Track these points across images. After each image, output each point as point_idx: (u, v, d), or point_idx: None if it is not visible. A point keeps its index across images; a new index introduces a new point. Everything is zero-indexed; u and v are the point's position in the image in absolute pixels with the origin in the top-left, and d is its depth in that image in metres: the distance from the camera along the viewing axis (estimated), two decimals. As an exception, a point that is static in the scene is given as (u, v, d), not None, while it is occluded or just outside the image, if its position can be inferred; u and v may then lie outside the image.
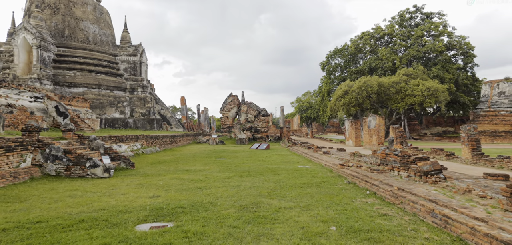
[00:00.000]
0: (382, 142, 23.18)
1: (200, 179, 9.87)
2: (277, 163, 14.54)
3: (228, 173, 11.38)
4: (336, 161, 13.26)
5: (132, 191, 7.92)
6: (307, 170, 11.93)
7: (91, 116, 29.05)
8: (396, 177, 7.89)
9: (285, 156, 18.69)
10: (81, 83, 33.61)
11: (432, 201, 5.19)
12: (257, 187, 8.38)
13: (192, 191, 7.92)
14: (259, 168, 12.73)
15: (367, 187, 7.79)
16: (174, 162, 15.18)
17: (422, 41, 42.56)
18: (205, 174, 11.13)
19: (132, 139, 18.22)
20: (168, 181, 9.61)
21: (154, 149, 21.46)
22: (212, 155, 19.46)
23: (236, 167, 13.30)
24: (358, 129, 28.06)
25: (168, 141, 26.36)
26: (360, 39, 48.61)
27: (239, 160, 16.26)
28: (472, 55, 41.49)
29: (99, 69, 35.70)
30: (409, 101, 35.51)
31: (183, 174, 11.18)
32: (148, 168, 12.85)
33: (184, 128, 43.42)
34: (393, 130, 20.59)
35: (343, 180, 9.40)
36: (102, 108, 34.56)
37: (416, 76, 37.41)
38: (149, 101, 38.93)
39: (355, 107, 37.81)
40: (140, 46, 40.02)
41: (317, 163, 14.30)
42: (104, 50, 37.58)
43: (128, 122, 36.36)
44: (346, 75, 49.00)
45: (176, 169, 12.62)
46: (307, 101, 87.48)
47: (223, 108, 40.71)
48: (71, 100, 27.07)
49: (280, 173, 11.04)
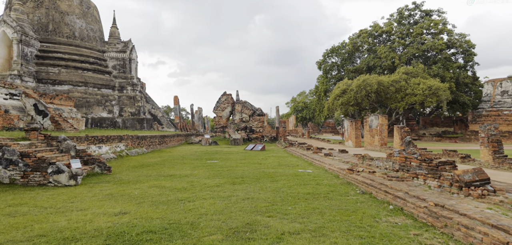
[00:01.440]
0: (385, 143, 21.77)
1: (184, 188, 8.29)
2: (274, 167, 13.00)
3: (219, 179, 9.81)
4: (342, 164, 11.76)
5: (95, 205, 6.32)
6: (309, 175, 10.41)
7: (75, 115, 27.28)
8: (422, 187, 6.39)
9: (282, 158, 17.16)
10: (66, 80, 31.79)
11: (499, 228, 3.68)
12: (252, 199, 6.84)
13: (171, 205, 6.35)
14: (254, 172, 11.19)
15: (388, 200, 6.28)
16: (159, 166, 13.57)
17: (422, 39, 41.36)
18: (192, 180, 9.56)
19: (114, 139, 16.56)
20: (145, 190, 8.02)
21: (140, 150, 19.80)
22: (203, 157, 17.87)
23: (229, 171, 11.74)
24: (358, 129, 26.65)
25: (157, 141, 24.70)
26: (358, 37, 47.31)
27: (232, 163, 14.70)
28: (472, 53, 40.38)
29: (85, 66, 33.90)
30: (409, 100, 34.22)
31: (166, 180, 9.59)
32: (127, 172, 11.22)
33: (176, 128, 41.71)
34: (397, 130, 19.18)
35: (355, 189, 7.89)
36: (89, 107, 32.76)
37: (416, 75, 36.16)
38: (139, 100, 37.18)
39: (354, 106, 36.43)
40: (130, 42, 38.26)
41: (319, 166, 12.79)
42: (91, 46, 35.75)
43: (116, 122, 34.60)
44: (343, 74, 47.66)
45: (159, 174, 11.01)
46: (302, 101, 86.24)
47: (217, 107, 39.09)
48: (53, 98, 25.24)
49: (279, 180, 9.50)
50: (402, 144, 18.44)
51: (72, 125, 24.61)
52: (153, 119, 39.18)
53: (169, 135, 29.35)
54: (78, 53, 33.74)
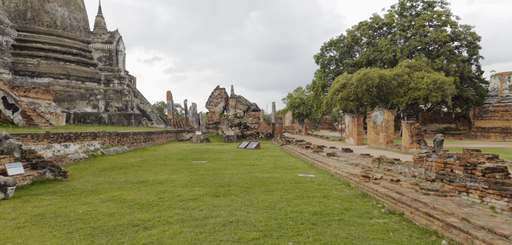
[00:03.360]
0: (391, 140, 19.85)
1: (148, 203, 6.25)
2: (269, 170, 10.99)
3: (199, 187, 7.79)
4: (351, 168, 9.77)
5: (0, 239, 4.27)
6: (312, 182, 8.41)
7: (54, 110, 25.07)
8: (481, 209, 4.41)
9: (279, 158, 15.15)
10: (46, 72, 29.51)
11: None
12: (237, 223, 4.83)
13: (117, 236, 4.31)
14: (245, 178, 9.17)
15: (435, 228, 4.28)
16: (135, 168, 11.51)
17: (424, 31, 39.45)
18: (164, 190, 7.52)
19: (87, 137, 14.43)
20: (96, 206, 5.98)
21: (120, 149, 17.69)
22: (190, 157, 15.81)
23: (214, 176, 9.72)
24: (360, 125, 24.73)
25: (142, 138, 22.58)
26: (357, 29, 45.33)
27: (221, 164, 12.68)
28: (477, 46, 38.57)
29: (68, 58, 31.61)
30: (413, 95, 32.34)
31: (132, 190, 7.55)
32: (89, 178, 9.15)
33: (167, 124, 39.55)
34: (407, 126, 17.25)
35: (376, 205, 5.90)
36: (72, 101, 30.53)
37: (419, 68, 34.28)
38: (127, 94, 34.96)
39: (354, 101, 34.51)
40: (117, 33, 35.94)
41: (323, 169, 10.78)
42: (74, 36, 33.44)
43: (102, 117, 32.41)
44: (342, 69, 45.68)
45: (127, 180, 8.95)
46: (299, 97, 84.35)
47: (209, 102, 36.96)
48: (28, 91, 23.03)
49: (275, 189, 7.49)
50: (413, 143, 16.54)
51: (49, 120, 22.42)
52: (142, 115, 36.99)
53: (157, 132, 27.24)
54: (59, 43, 31.42)
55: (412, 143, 16.51)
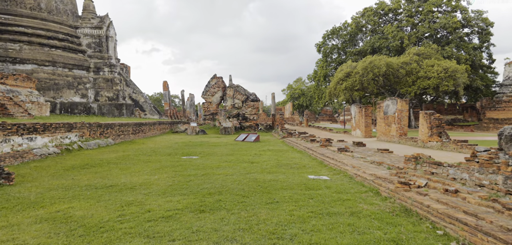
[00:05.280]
0: (405, 132, 17.92)
1: (99, 225, 4.31)
2: (272, 169, 9.06)
3: (180, 196, 5.86)
4: (373, 168, 7.84)
5: None
6: (328, 188, 6.48)
7: (37, 99, 23.03)
8: None
9: (281, 153, 13.21)
10: (29, 58, 27.38)
11: None
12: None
13: None
14: (241, 182, 7.24)
15: None
16: (109, 167, 9.56)
17: (433, 17, 37.29)
18: (131, 201, 5.58)
19: (60, 128, 12.44)
20: (20, 232, 4.05)
21: (103, 142, 15.71)
22: (181, 151, 13.87)
23: (204, 177, 7.79)
24: (368, 116, 22.77)
25: (130, 130, 20.59)
26: (361, 15, 43.12)
27: (215, 161, 10.74)
28: (489, 32, 36.46)
29: (54, 43, 29.45)
30: (422, 84, 30.38)
31: (88, 201, 5.61)
32: (43, 182, 7.19)
33: (161, 115, 37.53)
34: (425, 117, 15.29)
35: (433, 230, 3.98)
36: (58, 90, 28.45)
37: (429, 56, 32.25)
38: (118, 83, 32.88)
39: (359, 91, 32.52)
40: (107, 17, 33.70)
41: (338, 169, 8.84)
42: (61, 20, 31.22)
43: (91, 108, 30.37)
44: (344, 58, 43.56)
45: (90, 184, 7.00)
46: (299, 88, 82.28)
47: (206, 92, 34.90)
48: (5, 77, 20.97)
49: (282, 200, 5.56)
50: (433, 135, 14.61)
51: (28, 110, 20.41)
52: (135, 105, 34.96)
53: (148, 123, 25.25)
54: (44, 27, 29.23)
55: (432, 136, 14.58)
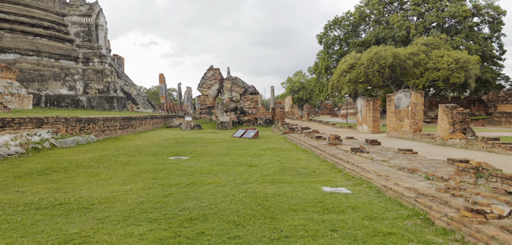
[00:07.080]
0: (419, 128, 16.19)
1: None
2: (275, 176, 7.33)
3: (149, 224, 4.14)
4: (405, 177, 6.12)
5: None
6: (354, 209, 4.76)
7: (17, 91, 21.22)
8: None
9: (285, 153, 11.47)
10: (11, 47, 25.48)
11: None
12: None
13: None
14: (235, 198, 5.52)
15: None
16: (75, 172, 7.82)
17: (441, 5, 35.39)
18: (75, 234, 3.85)
19: (26, 123, 10.66)
20: None
21: (83, 139, 13.93)
22: (168, 151, 12.13)
23: (188, 188, 6.07)
24: (377, 110, 21.04)
25: (117, 125, 18.80)
26: (365, 4, 41.15)
27: (206, 164, 9.01)
28: (501, 21, 34.61)
29: (38, 31, 27.53)
30: (431, 76, 28.60)
31: (10, 232, 3.88)
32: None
33: (155, 109, 35.71)
34: (445, 111, 13.56)
35: None
36: (43, 82, 26.58)
37: (437, 46, 30.41)
38: (109, 75, 30.99)
39: (364, 83, 30.73)
40: (96, 5, 31.70)
41: (357, 177, 7.10)
42: (46, 7, 29.26)
43: (80, 100, 28.52)
44: (346, 49, 41.65)
45: (32, 202, 5.27)
46: (298, 81, 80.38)
47: (202, 84, 33.06)
48: (-20, 68, 19.14)
49: (291, 233, 3.85)
50: (455, 132, 12.88)
51: (4, 103, 18.61)
52: (127, 98, 33.12)
53: (139, 117, 23.45)
54: (28, 14, 27.27)
55: (454, 133, 12.87)
